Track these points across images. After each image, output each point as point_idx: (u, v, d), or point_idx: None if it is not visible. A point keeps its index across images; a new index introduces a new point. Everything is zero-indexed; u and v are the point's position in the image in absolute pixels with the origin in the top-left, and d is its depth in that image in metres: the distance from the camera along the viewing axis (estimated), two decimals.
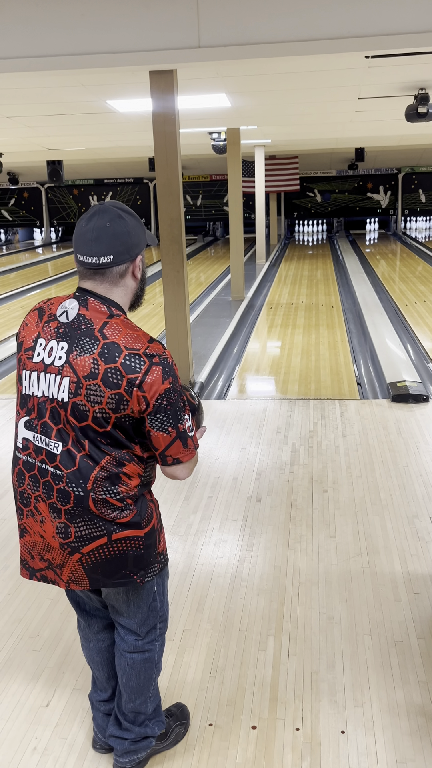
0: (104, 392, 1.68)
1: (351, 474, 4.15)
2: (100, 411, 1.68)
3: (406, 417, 5.06)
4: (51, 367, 1.73)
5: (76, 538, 1.77)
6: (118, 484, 1.74)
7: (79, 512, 1.74)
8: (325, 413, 5.23)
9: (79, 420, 1.70)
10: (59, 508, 1.75)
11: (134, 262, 1.81)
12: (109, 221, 1.77)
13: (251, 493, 3.95)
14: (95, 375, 1.68)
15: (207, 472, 4.25)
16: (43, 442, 1.75)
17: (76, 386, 1.69)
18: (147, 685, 2.03)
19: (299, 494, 3.91)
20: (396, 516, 3.60)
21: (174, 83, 5.19)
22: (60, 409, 1.71)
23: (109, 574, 1.81)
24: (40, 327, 1.79)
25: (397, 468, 4.20)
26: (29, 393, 1.78)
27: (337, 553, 3.27)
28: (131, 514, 1.77)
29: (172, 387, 1.71)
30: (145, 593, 1.92)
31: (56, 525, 1.76)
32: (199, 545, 3.40)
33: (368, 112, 8.43)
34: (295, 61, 5.28)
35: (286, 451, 4.55)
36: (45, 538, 1.80)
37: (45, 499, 1.77)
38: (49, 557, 1.82)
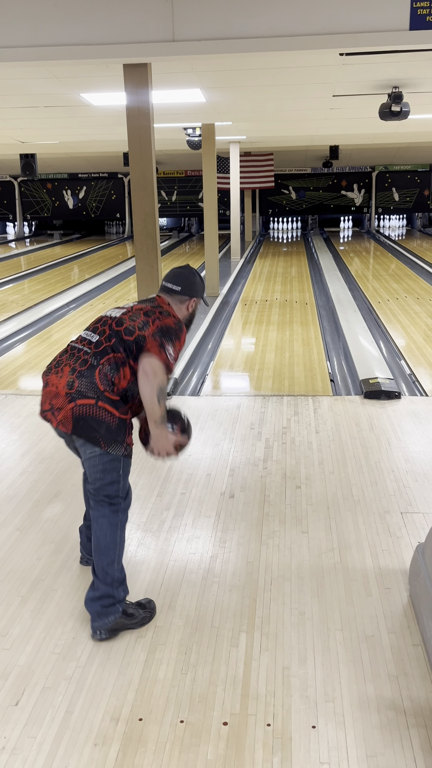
0: (140, 317, 2.74)
1: (324, 470, 4.16)
2: (132, 326, 2.70)
3: (378, 413, 5.10)
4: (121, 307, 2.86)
5: (76, 391, 2.62)
6: (115, 374, 2.66)
7: (85, 375, 2.64)
8: (298, 409, 5.25)
9: (117, 325, 2.72)
10: (75, 369, 2.67)
11: (191, 300, 2.91)
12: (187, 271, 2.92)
13: (224, 489, 3.94)
14: (141, 309, 2.79)
15: (180, 468, 4.24)
16: (88, 336, 2.77)
17: (124, 312, 2.78)
18: (111, 547, 2.70)
19: (272, 490, 3.92)
20: (368, 512, 3.63)
21: (148, 77, 5.15)
22: (110, 320, 2.76)
23: (86, 429, 2.61)
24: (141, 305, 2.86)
25: (369, 464, 4.23)
26: (102, 315, 2.83)
27: (309, 549, 3.29)
28: (114, 397, 2.63)
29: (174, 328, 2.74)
30: (110, 466, 2.65)
31: (68, 380, 2.65)
32: (171, 542, 3.39)
33: (342, 110, 8.47)
34: (269, 57, 5.28)
35: (259, 447, 4.55)
36: (58, 388, 2.67)
37: (71, 364, 2.69)
38: (54, 402, 2.66)
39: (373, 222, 21.52)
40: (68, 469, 4.24)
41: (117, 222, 22.29)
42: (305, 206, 21.62)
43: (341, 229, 21.95)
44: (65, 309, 9.83)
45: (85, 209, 21.69)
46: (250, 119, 9.74)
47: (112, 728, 2.30)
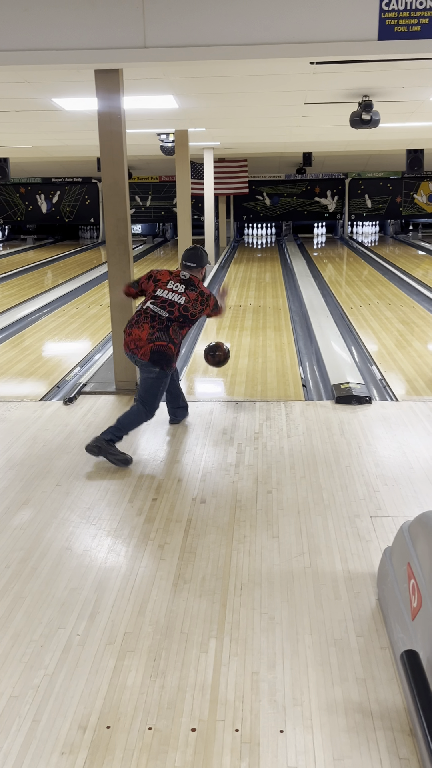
0: (198, 306, 4.48)
1: (295, 475, 4.19)
2: (194, 311, 4.45)
3: (349, 418, 5.14)
4: (176, 291, 4.49)
5: (156, 338, 4.34)
6: (180, 332, 4.45)
7: (162, 330, 4.37)
8: (270, 414, 5.27)
9: (185, 311, 4.43)
10: (155, 326, 4.37)
11: (203, 268, 4.66)
12: (197, 251, 4.62)
13: (196, 494, 3.94)
14: (197, 299, 4.47)
15: (152, 474, 4.23)
16: (159, 311, 4.43)
17: (186, 299, 4.44)
18: (128, 423, 4.45)
19: (244, 495, 3.93)
20: (338, 516, 3.65)
21: (120, 83, 5.15)
22: (177, 306, 4.42)
23: (159, 359, 4.34)
24: (171, 277, 4.56)
25: (339, 468, 4.26)
26: (160, 295, 4.48)
27: (279, 554, 3.30)
28: (177, 341, 4.43)
29: (216, 303, 4.58)
30: (158, 383, 4.43)
31: (149, 332, 4.35)
32: (142, 548, 3.38)
33: (314, 117, 8.55)
34: (241, 65, 5.31)
35: (231, 452, 4.56)
36: (141, 337, 4.35)
37: (150, 323, 4.38)
38: (138, 344, 4.36)
39: (347, 228, 21.73)
40: (38, 476, 4.21)
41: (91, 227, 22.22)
42: (279, 212, 21.76)
43: (315, 235, 22.12)
44: (38, 314, 9.76)
45: (59, 214, 21.58)
46: (224, 126, 9.79)
47: (79, 737, 2.28)
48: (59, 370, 6.63)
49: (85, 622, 2.83)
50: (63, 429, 5.01)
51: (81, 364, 6.87)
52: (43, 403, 5.60)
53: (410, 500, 3.82)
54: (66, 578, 3.13)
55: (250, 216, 21.83)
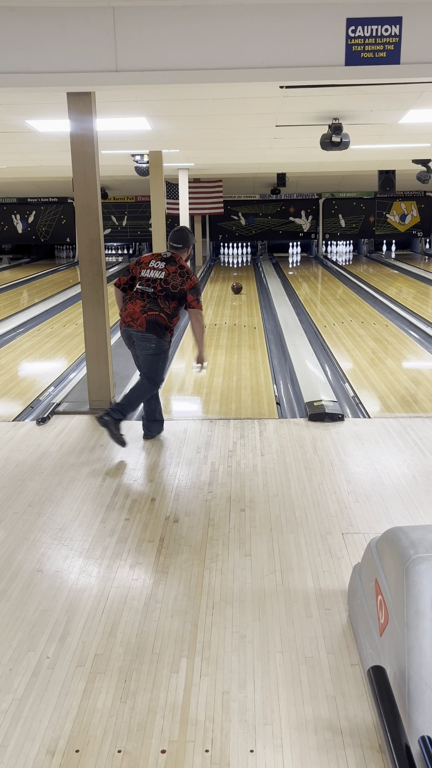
0: (177, 279, 4.78)
1: (268, 492, 4.20)
2: (174, 285, 4.77)
3: (322, 435, 5.18)
4: (156, 269, 4.83)
5: (149, 309, 4.74)
6: (168, 304, 4.79)
7: (152, 301, 4.76)
8: (244, 432, 5.29)
9: (165, 285, 4.78)
10: (145, 299, 4.76)
11: (188, 248, 4.96)
12: (182, 232, 4.95)
13: (169, 513, 3.94)
14: (174, 273, 4.80)
15: (125, 493, 4.22)
16: (146, 288, 4.80)
17: (167, 275, 4.80)
18: (136, 398, 4.87)
19: (217, 514, 3.93)
20: (310, 533, 3.67)
21: (92, 105, 5.20)
22: (159, 281, 4.77)
23: (154, 327, 4.73)
24: (153, 257, 4.89)
25: (312, 486, 4.28)
26: (144, 276, 4.84)
27: (251, 572, 3.30)
28: (168, 312, 4.75)
29: (197, 284, 4.80)
30: (156, 357, 4.82)
31: (141, 305, 4.77)
32: (114, 568, 3.37)
33: (286, 140, 8.69)
34: (213, 88, 5.40)
35: (205, 471, 4.57)
36: (135, 309, 4.77)
37: (140, 297, 4.80)
38: (134, 316, 4.77)
39: (321, 248, 21.97)
40: (10, 497, 4.18)
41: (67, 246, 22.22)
42: (254, 232, 21.95)
43: (290, 254, 22.33)
44: (13, 333, 9.72)
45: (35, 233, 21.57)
46: (197, 147, 9.90)
47: (47, 761, 2.25)
48: (33, 390, 6.60)
49: (56, 645, 2.81)
50: (36, 449, 4.98)
51: (55, 384, 6.84)
52: (16, 424, 5.56)
53: (381, 516, 3.85)
54: (36, 600, 3.10)
55: (226, 235, 22.00)
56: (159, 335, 4.78)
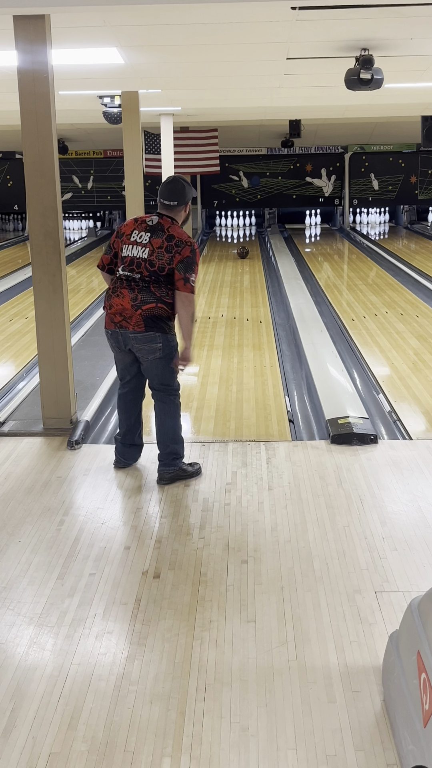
0: (165, 255, 4.71)
1: (278, 538, 4.21)
2: (162, 263, 4.70)
3: (349, 463, 5.19)
4: (140, 243, 4.77)
5: (143, 302, 4.72)
6: (164, 289, 4.76)
7: (146, 289, 4.73)
8: (247, 459, 5.30)
9: (151, 266, 4.73)
10: (133, 287, 4.75)
11: (186, 205, 4.89)
12: (177, 185, 4.85)
13: (147, 566, 3.95)
14: (162, 247, 4.72)
15: (90, 540, 4.23)
16: (131, 274, 4.77)
17: (151, 251, 4.73)
18: (172, 428, 5.01)
19: (210, 567, 3.94)
20: (333, 592, 3.67)
21: (46, 32, 5.24)
22: (142, 262, 4.74)
23: (156, 323, 4.75)
24: (136, 226, 4.85)
25: (335, 529, 4.29)
26: (126, 254, 4.80)
27: (256, 643, 3.31)
28: (169, 300, 4.77)
29: (190, 256, 4.73)
30: (165, 360, 4.83)
31: (131, 296, 4.74)
32: (75, 639, 3.36)
33: (300, 76, 8.74)
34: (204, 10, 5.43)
35: (195, 510, 4.59)
36: (123, 305, 4.76)
37: (127, 287, 4.77)
38: (125, 314, 4.76)
39: (347, 217, 22.12)
40: None
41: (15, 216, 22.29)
42: (260, 197, 22.08)
43: (307, 226, 22.48)
44: None
45: None
46: (185, 86, 9.96)
47: None
48: None
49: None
50: None
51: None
52: None
53: (427, 570, 3.86)
54: None
55: (223, 201, 22.13)
56: (165, 330, 4.80)
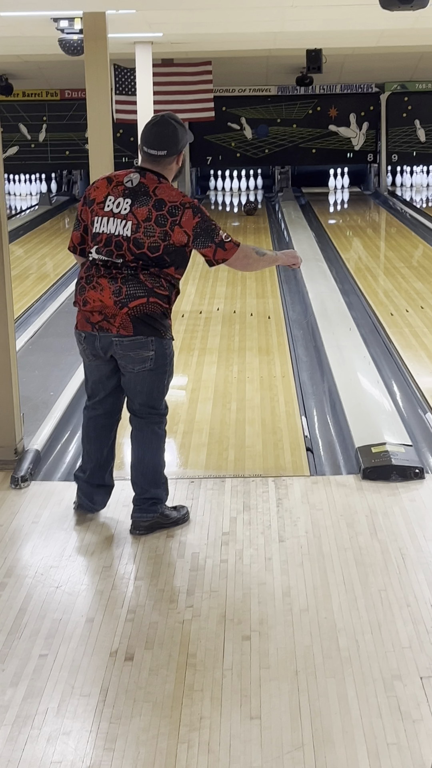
0: (156, 229, 4.59)
1: (291, 607, 4.20)
2: (154, 241, 4.60)
3: (387, 505, 5.19)
4: (118, 214, 4.65)
5: (128, 296, 4.61)
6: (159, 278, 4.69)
7: (132, 277, 4.62)
8: (250, 501, 5.30)
9: (138, 248, 4.61)
10: (115, 276, 4.63)
11: (179, 155, 4.80)
12: (166, 128, 4.73)
13: (116, 645, 3.93)
14: (150, 219, 4.60)
15: (40, 610, 4.22)
16: (109, 258, 4.66)
17: (135, 226, 4.61)
18: (155, 465, 4.98)
19: (201, 645, 3.93)
20: (364, 677, 3.66)
21: None
22: (124, 241, 4.62)
23: (144, 324, 4.66)
24: (110, 189, 4.73)
25: (367, 594, 4.28)
26: (100, 231, 4.70)
27: (262, 747, 3.29)
28: (164, 291, 4.70)
29: (201, 219, 4.66)
30: (159, 374, 4.83)
31: (112, 289, 4.62)
32: (20, 743, 3.35)
33: None
34: None
35: (181, 569, 4.58)
36: (103, 301, 4.65)
37: (106, 275, 4.66)
38: (106, 312, 4.65)
39: (384, 178, 22.16)
40: None
41: None
42: (269, 151, 22.15)
43: (330, 189, 22.54)
44: None
45: None
46: (167, 5, 9.97)
47: None
48: None
49: None
50: None
51: None
52: None
53: None
54: None
55: (219, 157, 22.21)
56: (158, 333, 4.75)
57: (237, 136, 22.05)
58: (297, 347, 8.72)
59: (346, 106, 21.97)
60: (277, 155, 22.11)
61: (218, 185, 22.43)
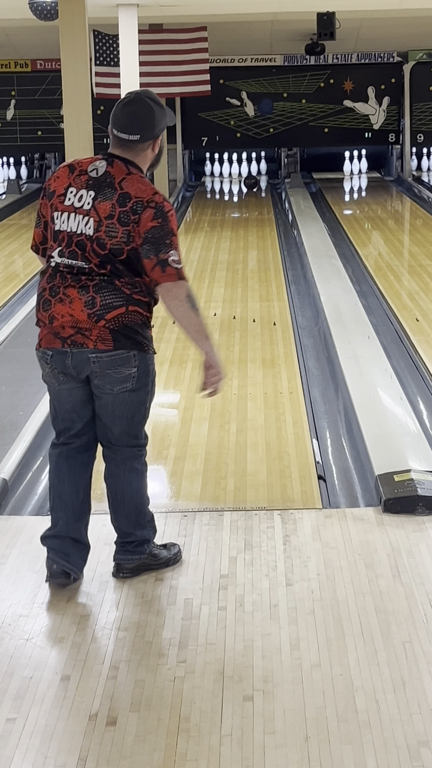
0: (118, 229, 4.47)
1: (300, 662, 4.19)
2: (116, 243, 4.48)
3: (412, 542, 5.20)
4: (80, 210, 4.54)
5: (102, 306, 4.50)
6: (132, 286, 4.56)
7: (105, 285, 4.52)
8: (253, 538, 5.30)
9: (102, 249, 4.50)
10: (88, 285, 4.52)
11: (155, 140, 4.67)
12: (140, 108, 4.62)
13: (97, 707, 3.92)
14: (112, 216, 4.49)
15: (8, 667, 4.20)
16: (73, 263, 4.55)
17: (97, 224, 4.50)
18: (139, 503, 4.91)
19: (196, 707, 3.91)
20: (386, 744, 3.65)
21: None
22: (86, 241, 4.51)
23: (124, 337, 4.56)
24: (71, 179, 4.62)
25: (389, 646, 4.27)
26: (60, 229, 4.59)
27: None
28: (144, 298, 4.61)
29: (159, 225, 4.48)
30: (141, 395, 4.74)
31: (84, 300, 4.51)
32: None
33: None
34: None
35: (172, 617, 4.58)
36: (74, 315, 4.53)
37: (74, 284, 4.54)
38: (80, 327, 4.54)
39: (408, 161, 22.21)
40: None
41: None
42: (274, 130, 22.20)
43: (346, 175, 22.59)
44: None
45: None
46: None
47: None
48: None
49: None
50: None
51: None
52: None
53: None
54: None
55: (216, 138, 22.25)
56: (141, 347, 4.66)
57: (237, 113, 22.11)
58: (307, 358, 8.73)
59: (363, 78, 22.03)
60: (284, 135, 22.16)
61: (215, 170, 22.46)
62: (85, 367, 4.60)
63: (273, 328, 9.68)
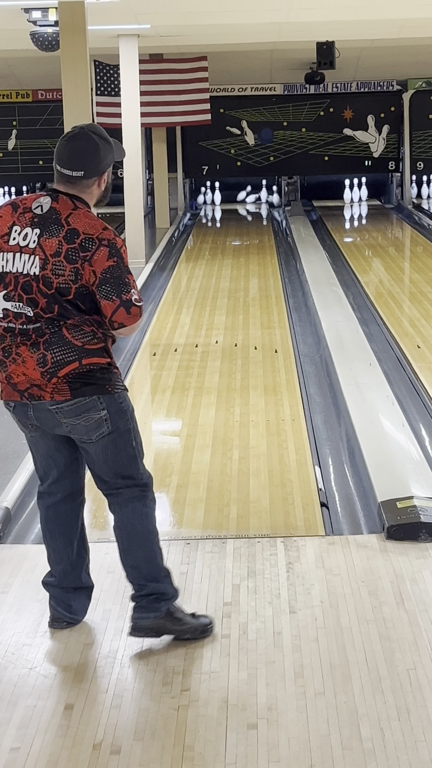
0: (65, 266, 4.30)
1: (305, 690, 4.17)
2: (64, 282, 4.31)
3: (416, 570, 5.18)
4: (26, 249, 4.36)
5: (54, 364, 4.34)
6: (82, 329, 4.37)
7: (54, 340, 4.35)
8: (256, 565, 5.29)
9: (48, 289, 4.31)
10: (38, 342, 4.35)
11: (101, 176, 4.53)
12: (84, 143, 4.47)
13: (101, 736, 3.91)
14: (59, 253, 4.31)
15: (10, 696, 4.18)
16: (20, 309, 4.36)
17: (43, 262, 4.31)
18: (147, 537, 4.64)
19: (200, 735, 3.90)
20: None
21: None
22: (32, 282, 4.33)
23: (82, 385, 4.39)
24: (15, 217, 4.43)
25: (394, 674, 4.25)
26: (6, 270, 4.39)
27: None
28: (99, 343, 4.42)
29: (115, 264, 4.34)
30: (123, 434, 4.52)
31: (35, 358, 4.35)
32: None
33: None
34: None
35: (176, 646, 4.56)
36: (27, 374, 4.38)
37: (25, 342, 4.37)
38: (37, 383, 4.39)
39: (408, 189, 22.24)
40: None
41: None
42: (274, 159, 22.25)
43: (346, 202, 22.61)
44: None
45: None
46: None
47: None
48: None
49: None
50: None
51: None
52: None
53: None
54: None
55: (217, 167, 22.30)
56: (103, 390, 4.46)
57: (237, 142, 22.16)
58: (309, 385, 8.72)
59: (363, 106, 22.10)
60: (284, 164, 22.21)
61: (215, 199, 22.49)
62: (50, 420, 4.48)
63: (275, 355, 9.69)
